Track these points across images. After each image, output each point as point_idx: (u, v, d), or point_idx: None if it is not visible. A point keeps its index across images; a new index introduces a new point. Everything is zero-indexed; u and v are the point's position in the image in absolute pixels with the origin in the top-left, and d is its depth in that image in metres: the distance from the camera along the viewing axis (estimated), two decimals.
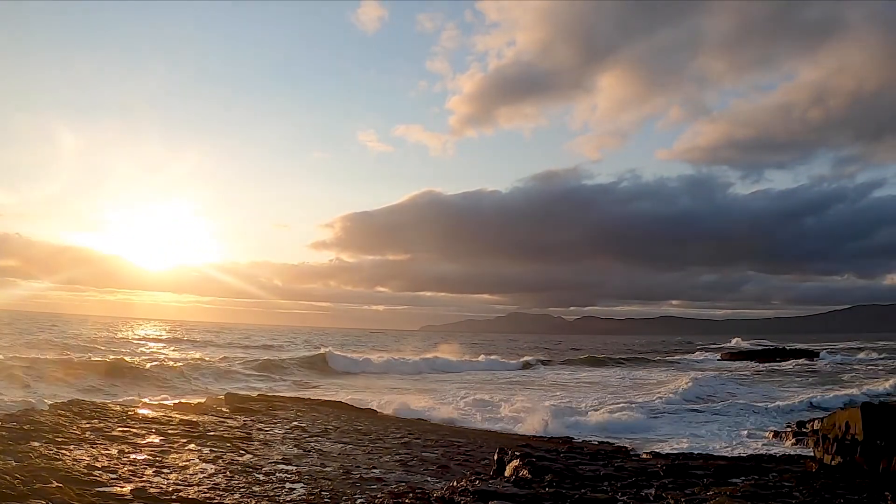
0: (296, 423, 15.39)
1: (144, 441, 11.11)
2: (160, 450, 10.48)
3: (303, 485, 9.03)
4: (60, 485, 7.27)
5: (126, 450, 10.15)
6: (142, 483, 8.09)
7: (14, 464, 8.05)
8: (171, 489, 7.97)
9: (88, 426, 11.71)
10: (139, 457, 9.74)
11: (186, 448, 10.90)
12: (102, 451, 9.76)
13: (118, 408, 14.51)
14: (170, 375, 29.34)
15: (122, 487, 7.79)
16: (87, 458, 9.09)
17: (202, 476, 8.95)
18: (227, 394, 20.09)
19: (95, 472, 8.30)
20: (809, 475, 8.46)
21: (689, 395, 27.19)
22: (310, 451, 11.92)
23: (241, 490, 8.38)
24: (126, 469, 8.81)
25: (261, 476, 9.35)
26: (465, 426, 18.99)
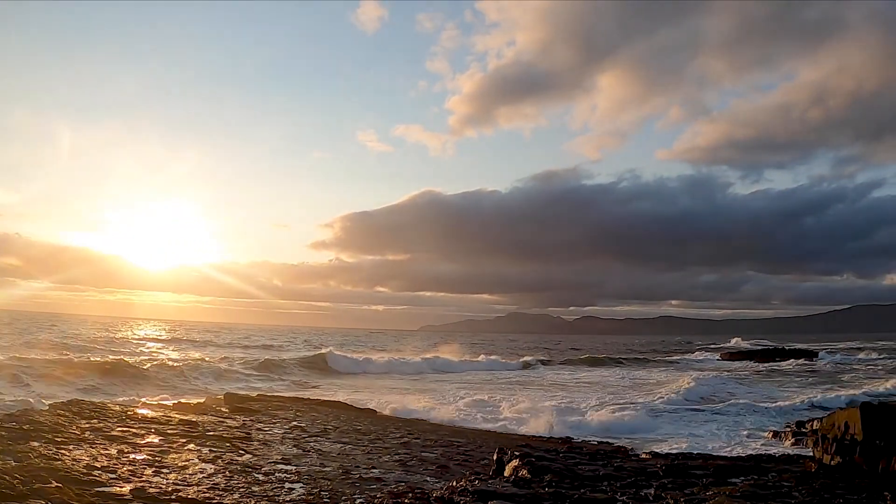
0: (295, 423, 15.39)
1: (144, 441, 11.11)
2: (159, 450, 10.47)
3: (302, 485, 9.03)
4: (60, 485, 7.26)
5: (125, 450, 10.14)
6: (141, 483, 8.08)
7: (13, 464, 8.05)
8: (171, 489, 7.97)
9: (88, 426, 11.70)
10: (138, 457, 9.74)
11: (186, 448, 10.89)
12: (102, 451, 9.75)
13: (117, 408, 14.51)
14: (169, 375, 29.35)
15: (122, 487, 7.79)
16: (87, 458, 9.08)
17: (201, 476, 8.95)
18: (227, 394, 20.09)
19: (95, 472, 8.29)
20: (809, 475, 8.46)
21: (690, 396, 27.19)
22: (309, 451, 11.92)
23: (241, 490, 8.37)
24: (125, 469, 8.81)
25: (260, 476, 9.35)
26: (465, 426, 18.99)
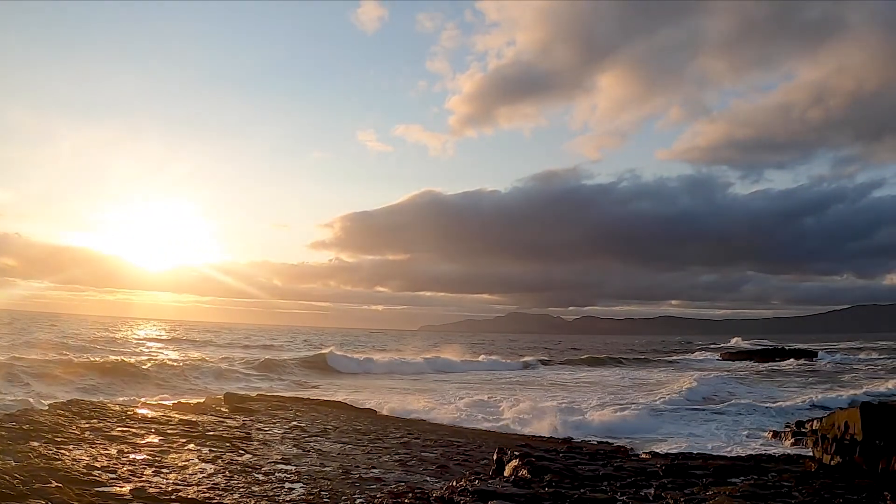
0: (295, 423, 15.39)
1: (144, 441, 11.10)
2: (159, 450, 10.47)
3: (302, 484, 9.03)
4: (60, 485, 7.26)
5: (125, 450, 10.14)
6: (141, 483, 8.08)
7: (13, 464, 8.04)
8: (171, 489, 7.97)
9: (87, 426, 11.69)
10: (138, 457, 9.73)
11: (186, 448, 10.89)
12: (102, 451, 9.75)
13: (117, 408, 14.50)
14: (169, 375, 29.36)
15: (122, 487, 7.79)
16: (87, 458, 9.08)
17: (201, 476, 8.94)
18: (227, 394, 20.08)
19: (95, 472, 8.29)
20: (809, 475, 8.46)
21: (691, 396, 27.20)
22: (309, 451, 11.91)
23: (241, 490, 8.37)
24: (125, 469, 8.80)
25: (260, 476, 9.35)
26: (465, 426, 18.99)
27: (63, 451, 9.32)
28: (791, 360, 57.24)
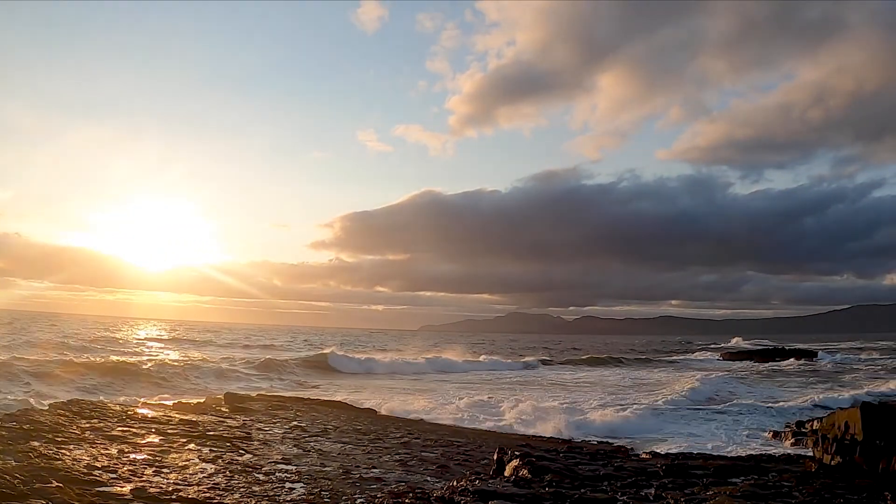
0: (295, 423, 15.39)
1: (144, 441, 11.10)
2: (160, 449, 10.47)
3: (302, 484, 9.02)
4: (60, 484, 7.26)
5: (126, 449, 10.13)
6: (142, 483, 8.08)
7: (14, 463, 8.04)
8: (171, 489, 7.97)
9: (88, 426, 11.69)
10: (139, 456, 9.73)
11: (186, 448, 10.89)
12: (102, 451, 9.75)
13: (118, 407, 14.49)
14: (169, 375, 29.35)
15: (122, 487, 7.78)
16: (87, 458, 9.08)
17: (202, 476, 8.94)
18: (227, 393, 20.07)
19: (95, 472, 8.29)
20: (809, 475, 8.45)
21: (693, 396, 27.17)
22: (309, 451, 11.91)
23: (241, 490, 8.37)
24: (126, 469, 8.80)
25: (260, 476, 9.34)
26: (465, 427, 18.98)
27: (63, 451, 9.32)
28: (791, 360, 57.23)
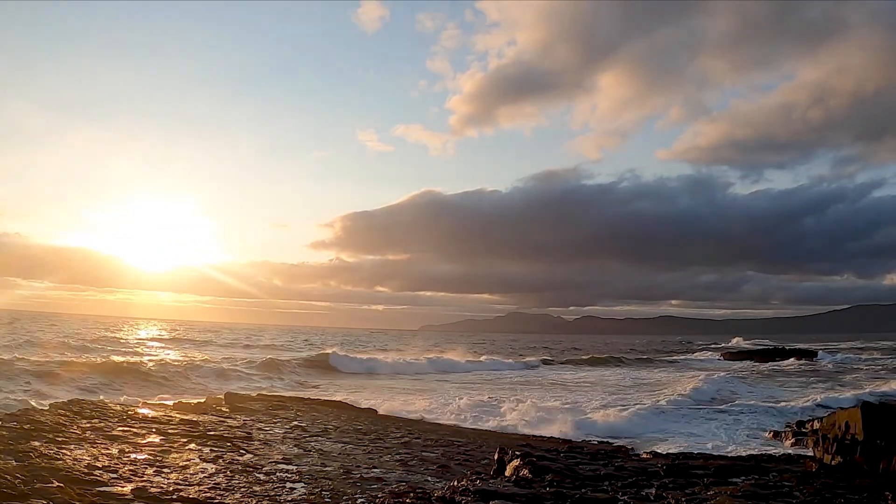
0: (296, 423, 15.39)
1: (145, 441, 11.10)
2: (160, 449, 10.47)
3: (303, 484, 9.02)
4: (61, 484, 7.26)
5: (126, 449, 10.13)
6: (142, 483, 8.08)
7: (14, 463, 8.04)
8: (172, 489, 7.97)
9: (89, 426, 11.69)
10: (140, 456, 9.73)
11: (187, 448, 10.89)
12: (103, 451, 9.75)
13: (118, 407, 14.49)
14: (170, 375, 29.36)
15: (123, 487, 7.78)
16: (88, 458, 9.08)
17: (203, 476, 8.94)
18: (227, 393, 20.07)
19: (96, 472, 8.29)
20: (809, 475, 8.45)
21: (694, 396, 27.15)
22: (310, 451, 11.91)
23: (242, 490, 8.37)
24: (126, 469, 8.80)
25: (261, 476, 9.34)
26: (466, 427, 18.98)
27: (64, 451, 9.32)
28: (792, 360, 57.24)
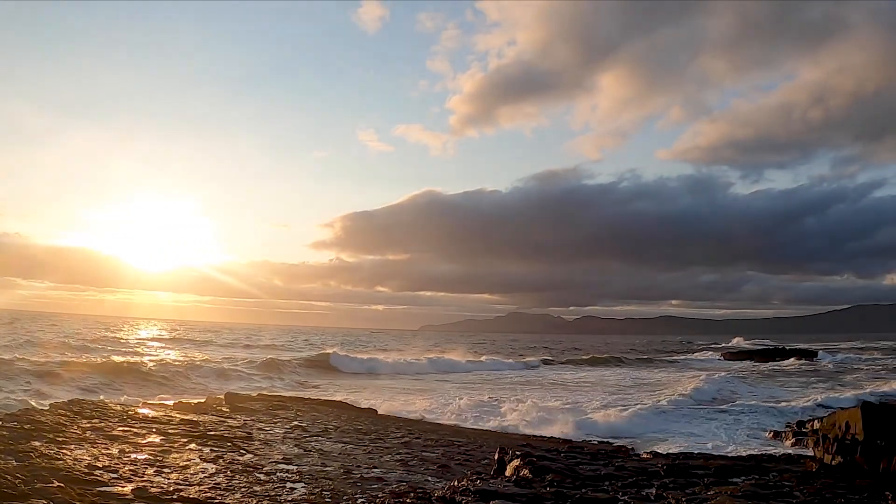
0: (296, 423, 15.39)
1: (145, 441, 11.10)
2: (161, 449, 10.47)
3: (304, 484, 9.02)
4: (61, 484, 7.26)
5: (127, 449, 10.13)
6: (143, 483, 8.08)
7: (15, 463, 8.04)
8: (173, 489, 7.97)
9: (89, 426, 11.69)
10: (140, 456, 9.73)
11: (187, 448, 10.89)
12: (103, 451, 9.75)
13: (118, 407, 14.49)
14: (170, 375, 29.38)
15: (124, 487, 7.78)
16: (88, 458, 9.08)
17: (203, 476, 8.94)
18: (228, 393, 20.08)
19: (96, 472, 8.29)
20: (810, 475, 8.45)
21: (695, 396, 27.15)
22: (310, 451, 11.91)
23: (243, 490, 8.37)
24: (127, 469, 8.80)
25: (262, 476, 9.34)
26: (466, 426, 18.98)
27: (64, 451, 9.32)
28: (792, 360, 57.26)
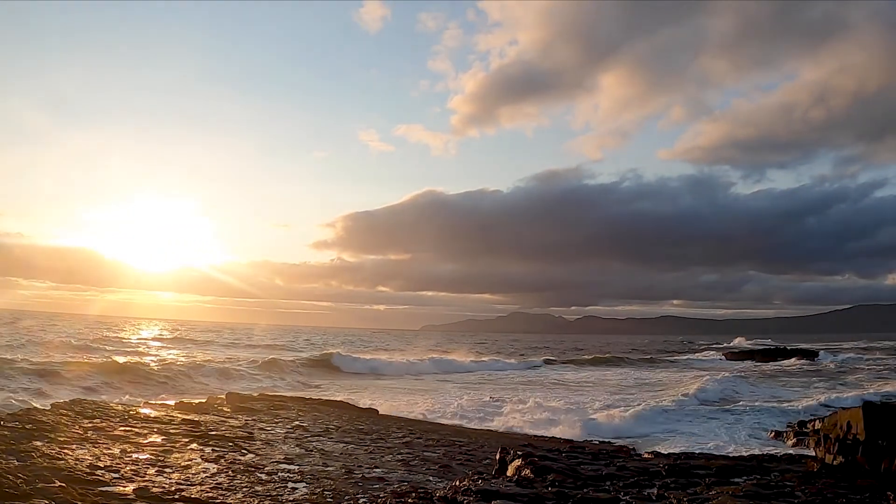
0: (297, 423, 15.39)
1: (146, 440, 11.10)
2: (162, 449, 10.47)
3: (305, 484, 9.03)
4: (63, 484, 7.27)
5: (128, 449, 10.14)
6: (144, 482, 8.08)
7: (16, 463, 8.05)
8: (174, 489, 7.97)
9: (90, 426, 11.70)
10: (141, 456, 9.74)
11: (188, 447, 10.89)
12: (105, 451, 9.75)
13: (120, 407, 14.50)
14: (171, 375, 29.43)
15: (125, 487, 7.79)
16: (90, 458, 9.09)
17: (204, 475, 8.95)
18: (229, 393, 20.09)
19: (98, 472, 8.30)
20: (811, 475, 8.44)
21: (697, 396, 27.18)
22: (312, 451, 11.91)
23: (244, 489, 8.37)
24: (128, 468, 8.81)
25: (263, 475, 9.34)
26: (467, 426, 18.99)
27: (66, 451, 9.33)
28: (794, 360, 57.28)
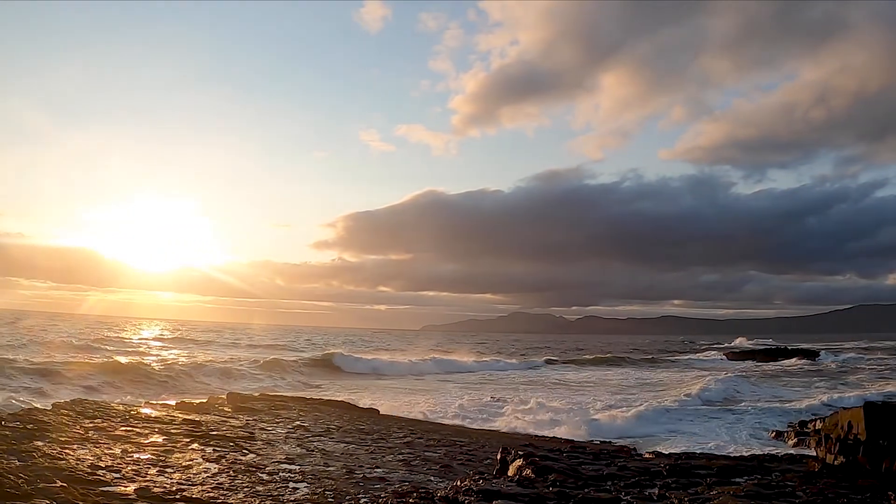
0: (298, 423, 15.40)
1: (147, 440, 11.11)
2: (163, 449, 10.48)
3: (306, 484, 9.03)
4: (64, 484, 7.28)
5: (129, 449, 10.14)
6: (146, 482, 8.09)
7: (18, 463, 8.06)
8: (175, 488, 7.98)
9: (91, 426, 11.71)
10: (143, 456, 9.74)
11: (189, 447, 10.90)
12: (106, 451, 9.76)
13: (121, 407, 14.51)
14: (172, 374, 29.47)
15: (126, 487, 7.79)
16: (91, 458, 9.09)
17: (206, 475, 8.95)
18: (230, 393, 20.09)
19: (99, 472, 8.30)
20: (812, 475, 8.44)
21: (698, 396, 27.17)
22: (313, 451, 11.92)
23: (245, 489, 8.38)
24: (130, 468, 8.81)
25: (264, 475, 9.35)
26: (468, 426, 18.99)
27: (67, 451, 9.34)
28: (795, 360, 57.29)
